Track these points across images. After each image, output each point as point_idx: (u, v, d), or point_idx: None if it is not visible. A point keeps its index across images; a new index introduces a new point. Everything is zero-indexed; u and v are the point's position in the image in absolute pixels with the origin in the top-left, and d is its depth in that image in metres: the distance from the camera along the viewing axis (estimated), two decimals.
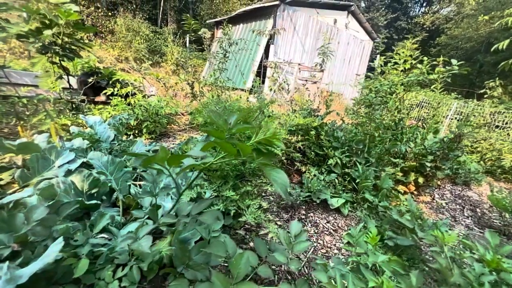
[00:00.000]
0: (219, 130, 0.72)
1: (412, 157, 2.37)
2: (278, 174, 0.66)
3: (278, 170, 0.67)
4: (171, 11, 20.31)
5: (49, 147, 1.51)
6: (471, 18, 17.47)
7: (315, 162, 2.40)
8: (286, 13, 10.22)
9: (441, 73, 3.51)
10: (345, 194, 2.02)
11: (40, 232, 1.03)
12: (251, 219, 1.14)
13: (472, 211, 2.44)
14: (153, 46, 14.39)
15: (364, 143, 2.32)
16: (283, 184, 0.63)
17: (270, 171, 0.65)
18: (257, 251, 1.07)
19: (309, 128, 2.46)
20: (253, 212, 1.22)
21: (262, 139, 0.70)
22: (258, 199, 1.39)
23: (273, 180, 0.63)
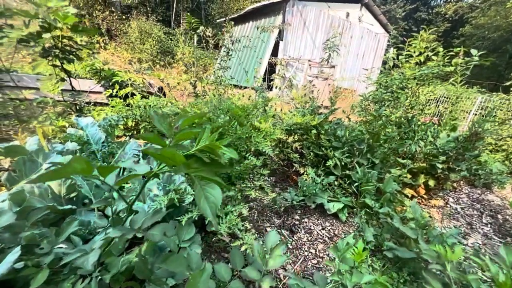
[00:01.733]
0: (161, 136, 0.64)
1: (422, 158, 2.17)
2: (213, 190, 0.56)
3: (214, 186, 0.57)
4: (184, 12, 20.62)
5: (36, 150, 1.51)
6: (499, 5, 16.14)
7: (314, 163, 2.27)
8: (295, 9, 9.97)
9: (459, 65, 3.23)
10: (344, 198, 1.88)
11: (7, 239, 1.00)
12: (224, 229, 1.05)
13: (492, 217, 2.19)
14: (165, 47, 14.67)
15: (367, 142, 2.15)
16: (214, 204, 0.54)
17: (204, 186, 0.56)
18: (231, 263, 0.99)
19: (308, 127, 2.33)
20: (231, 220, 1.14)
21: (203, 146, 0.61)
22: (241, 205, 1.30)
23: (203, 197, 0.54)
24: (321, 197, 1.84)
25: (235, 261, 0.98)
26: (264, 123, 1.98)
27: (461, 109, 7.52)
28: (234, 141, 1.88)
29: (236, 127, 1.96)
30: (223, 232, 1.03)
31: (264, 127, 1.95)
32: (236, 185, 1.45)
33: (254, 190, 1.39)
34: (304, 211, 1.87)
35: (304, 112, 3.00)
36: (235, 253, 1.00)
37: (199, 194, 0.54)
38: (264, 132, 1.98)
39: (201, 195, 0.54)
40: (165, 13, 20.11)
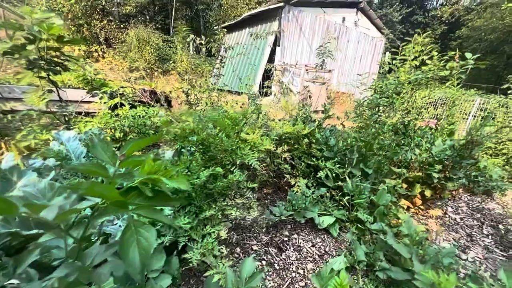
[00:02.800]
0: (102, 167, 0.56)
1: (417, 166, 2.09)
2: (148, 233, 0.48)
3: (149, 227, 0.49)
4: (183, 20, 20.85)
5: (10, 168, 1.44)
6: (494, 7, 16.23)
7: (305, 174, 2.19)
8: (291, 14, 10.02)
9: (453, 68, 3.17)
10: (337, 212, 1.79)
11: None
12: (196, 257, 0.96)
13: (493, 228, 2.09)
14: (163, 55, 14.74)
15: (360, 151, 2.07)
16: (144, 252, 0.46)
17: (139, 228, 0.48)
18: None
19: (300, 136, 2.26)
20: (208, 244, 1.05)
21: (145, 179, 0.53)
22: (220, 225, 1.21)
23: (135, 243, 0.46)
24: (311, 211, 1.76)
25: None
26: (252, 134, 1.91)
27: (461, 111, 7.45)
28: (219, 154, 1.81)
29: (221, 138, 1.89)
30: (194, 261, 0.95)
31: (251, 138, 1.88)
32: (217, 202, 1.38)
33: (236, 208, 1.31)
34: (294, 226, 1.78)
35: (296, 120, 2.93)
36: (209, 284, 0.91)
37: (129, 239, 0.46)
38: (251, 143, 1.91)
39: (131, 242, 0.46)
40: (164, 21, 20.33)
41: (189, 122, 1.80)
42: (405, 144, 2.92)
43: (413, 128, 3.15)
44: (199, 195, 1.43)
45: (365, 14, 12.28)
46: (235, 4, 20.54)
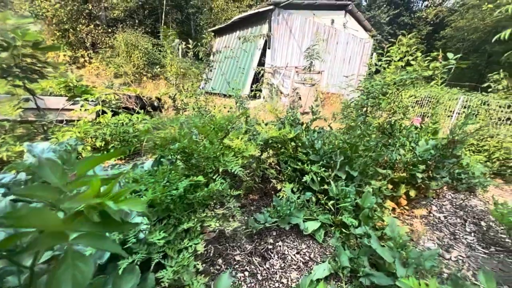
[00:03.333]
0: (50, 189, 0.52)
1: (402, 167, 2.10)
2: (85, 265, 0.44)
3: (87, 260, 0.45)
4: (173, 24, 20.70)
5: None
6: (476, 8, 16.80)
7: (292, 178, 2.17)
8: (281, 17, 10.08)
9: (436, 68, 3.24)
10: (322, 216, 1.78)
11: None
12: (169, 275, 0.92)
13: (475, 225, 2.13)
14: (152, 59, 14.55)
15: (345, 154, 2.07)
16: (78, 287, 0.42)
17: (76, 260, 0.44)
18: None
19: (286, 140, 2.24)
20: (183, 260, 1.01)
21: (88, 203, 0.49)
22: (199, 237, 1.18)
23: (70, 277, 0.42)
24: (296, 217, 1.74)
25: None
26: (236, 140, 1.88)
27: (446, 109, 7.65)
28: (201, 161, 1.77)
29: (204, 145, 1.85)
30: (166, 281, 0.91)
31: (235, 144, 1.85)
32: (197, 213, 1.34)
33: (216, 219, 1.28)
34: (279, 233, 1.75)
35: (283, 124, 2.92)
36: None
37: (63, 274, 0.42)
38: (235, 149, 1.88)
39: (65, 278, 0.42)
40: (154, 25, 20.11)
41: (169, 130, 1.76)
42: (391, 144, 2.96)
43: (398, 128, 3.19)
44: (178, 206, 1.39)
45: (353, 16, 12.49)
46: (225, 8, 20.55)
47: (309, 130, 3.13)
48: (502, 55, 4.91)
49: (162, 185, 1.31)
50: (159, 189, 1.24)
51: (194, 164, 1.82)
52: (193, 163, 1.82)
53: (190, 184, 1.51)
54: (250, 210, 2.11)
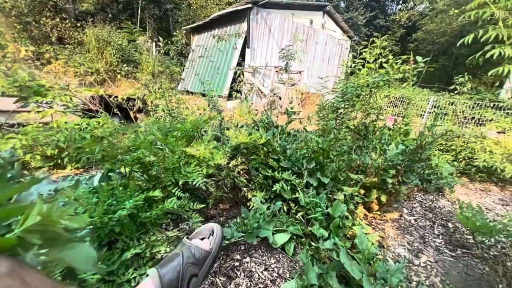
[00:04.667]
0: None
1: (373, 172, 2.08)
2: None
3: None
4: (150, 19, 19.82)
5: None
6: (444, 13, 17.89)
7: (263, 186, 2.07)
8: (260, 16, 9.98)
9: (406, 71, 3.30)
10: (292, 227, 1.69)
11: None
12: None
13: (443, 227, 2.17)
14: (127, 56, 13.80)
15: (317, 159, 2.01)
16: None
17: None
18: None
19: (257, 145, 2.14)
20: None
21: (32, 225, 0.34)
22: (148, 265, 1.03)
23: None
24: (265, 229, 1.64)
25: None
26: (201, 148, 1.74)
27: (418, 108, 8.03)
28: (161, 173, 1.61)
29: (164, 155, 1.69)
30: None
31: (199, 153, 1.70)
32: (150, 235, 1.18)
33: (168, 243, 1.13)
34: (248, 247, 1.65)
35: (258, 127, 2.82)
36: None
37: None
38: (200, 158, 1.74)
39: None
40: (129, 20, 19.02)
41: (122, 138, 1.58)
42: (364, 146, 2.96)
43: (372, 129, 3.21)
44: (129, 227, 1.23)
45: (331, 17, 12.72)
46: (204, 4, 20.04)
47: (284, 133, 3.06)
48: (467, 58, 5.21)
49: (104, 206, 1.14)
50: (99, 211, 1.07)
51: (153, 176, 1.65)
52: (153, 175, 1.65)
53: (144, 200, 1.35)
54: (219, 221, 1.99)
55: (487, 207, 2.64)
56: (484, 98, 7.82)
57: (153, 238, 1.13)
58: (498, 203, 2.73)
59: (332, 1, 12.17)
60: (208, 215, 2.07)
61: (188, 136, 2.13)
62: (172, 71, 12.67)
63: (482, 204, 2.69)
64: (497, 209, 2.60)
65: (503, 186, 3.18)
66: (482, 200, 2.78)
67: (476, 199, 2.81)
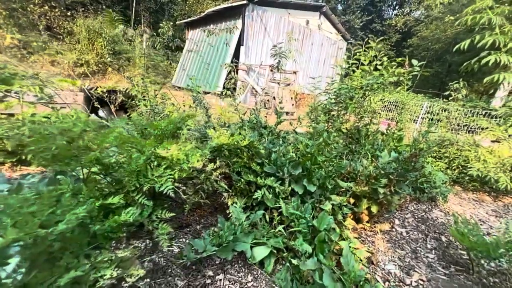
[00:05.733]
0: None
1: (364, 180, 1.93)
2: None
3: None
4: (146, 13, 19.35)
5: None
6: (439, 20, 18.09)
7: (244, 192, 1.90)
8: (255, 13, 9.78)
9: (401, 75, 3.19)
10: (273, 240, 1.52)
11: None
12: None
13: (436, 240, 2.04)
14: (119, 49, 13.38)
15: (304, 165, 1.85)
16: None
17: None
18: None
19: (241, 147, 1.96)
20: None
21: None
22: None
23: None
24: (243, 242, 1.46)
25: None
26: (173, 148, 1.55)
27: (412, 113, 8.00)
28: (124, 176, 1.41)
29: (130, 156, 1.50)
30: None
31: (170, 154, 1.51)
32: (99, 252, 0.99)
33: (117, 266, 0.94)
34: (223, 262, 1.47)
35: (243, 127, 2.64)
36: None
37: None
38: (173, 160, 1.55)
39: None
40: (123, 12, 18.58)
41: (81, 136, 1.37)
42: (356, 151, 2.83)
43: (365, 133, 3.08)
44: (77, 242, 1.03)
45: (328, 18, 12.63)
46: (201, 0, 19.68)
47: (273, 135, 2.89)
48: (460, 65, 5.18)
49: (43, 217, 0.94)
50: (32, 224, 0.88)
51: (118, 180, 1.46)
52: (117, 179, 1.46)
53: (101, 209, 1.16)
54: (195, 230, 1.80)
55: (481, 218, 2.54)
56: (476, 105, 7.86)
57: (99, 259, 0.94)
58: (491, 214, 2.64)
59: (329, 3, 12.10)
60: (184, 222, 1.88)
61: (164, 135, 1.93)
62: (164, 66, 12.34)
63: (475, 215, 2.59)
64: (491, 221, 2.50)
65: (496, 196, 3.09)
66: (475, 211, 2.68)
67: (470, 209, 2.71)
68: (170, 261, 1.40)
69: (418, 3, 23.02)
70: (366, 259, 1.59)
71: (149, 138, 1.73)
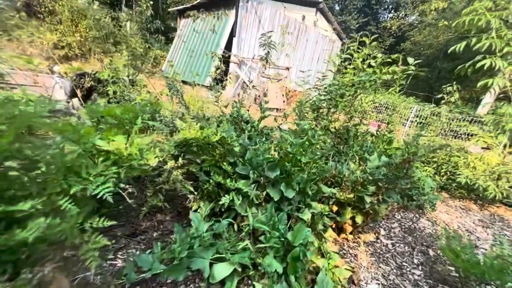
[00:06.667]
0: None
1: (350, 186, 1.71)
2: None
3: None
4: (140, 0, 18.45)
5: None
6: (432, 26, 18.27)
7: (213, 195, 1.64)
8: (250, 4, 9.41)
9: (395, 73, 2.99)
10: (239, 256, 1.27)
11: None
12: None
13: (423, 254, 1.86)
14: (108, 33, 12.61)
15: (283, 167, 1.61)
16: None
17: None
18: None
19: (212, 144, 1.69)
20: None
21: None
22: None
23: None
24: (201, 258, 1.20)
25: None
26: (120, 140, 1.26)
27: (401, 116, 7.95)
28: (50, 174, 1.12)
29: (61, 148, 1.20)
30: None
31: (117, 148, 1.23)
32: None
33: None
34: (175, 281, 1.21)
35: (221, 122, 2.38)
36: None
37: None
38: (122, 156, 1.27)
39: None
40: None
41: None
42: (344, 152, 2.62)
43: (354, 134, 2.89)
44: None
45: (324, 16, 12.40)
46: None
47: (256, 131, 2.64)
48: (450, 71, 5.10)
49: None
50: None
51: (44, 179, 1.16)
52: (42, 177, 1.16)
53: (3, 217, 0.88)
54: (150, 238, 1.53)
55: (468, 228, 2.41)
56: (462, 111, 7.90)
57: None
58: (478, 224, 2.51)
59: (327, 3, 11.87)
60: (138, 229, 1.60)
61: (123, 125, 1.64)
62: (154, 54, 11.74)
63: (462, 225, 2.45)
64: (478, 232, 2.37)
65: (482, 205, 2.99)
66: (462, 220, 2.55)
67: (457, 218, 2.57)
68: (107, 281, 1.13)
69: (413, 8, 23.23)
70: (346, 280, 1.37)
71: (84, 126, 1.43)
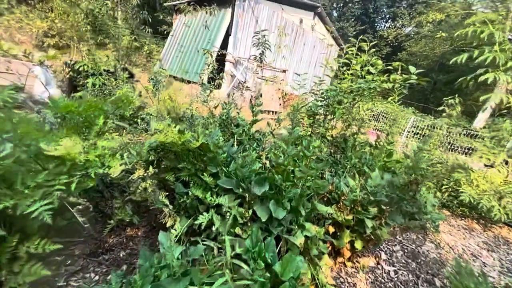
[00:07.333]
0: None
1: (348, 206, 1.50)
2: None
3: None
4: None
5: None
6: (428, 38, 18.53)
7: (192, 210, 1.39)
8: (247, 4, 9.23)
9: (396, 81, 2.82)
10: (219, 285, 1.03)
11: None
12: None
13: (429, 284, 1.66)
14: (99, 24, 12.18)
15: (272, 181, 1.38)
16: None
17: None
18: None
19: (192, 150, 1.45)
20: None
21: None
22: None
23: None
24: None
25: None
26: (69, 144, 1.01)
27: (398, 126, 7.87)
28: None
29: None
30: None
31: (66, 153, 0.98)
32: None
33: None
34: None
35: (210, 125, 2.15)
36: None
37: None
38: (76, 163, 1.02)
39: None
40: None
41: None
42: (341, 164, 2.43)
43: (352, 144, 2.70)
44: None
45: (322, 20, 12.34)
46: None
47: (247, 135, 2.42)
48: (445, 84, 5.00)
49: None
50: None
51: None
52: None
53: None
54: (116, 258, 1.28)
55: (473, 252, 2.23)
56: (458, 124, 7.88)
57: None
58: (483, 247, 2.34)
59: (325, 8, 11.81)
60: (102, 246, 1.34)
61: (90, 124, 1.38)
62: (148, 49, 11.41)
63: (467, 247, 2.28)
64: (483, 256, 2.19)
65: (485, 225, 2.83)
66: (466, 242, 2.37)
67: (460, 240, 2.39)
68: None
69: (410, 19, 23.57)
70: None
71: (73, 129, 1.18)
